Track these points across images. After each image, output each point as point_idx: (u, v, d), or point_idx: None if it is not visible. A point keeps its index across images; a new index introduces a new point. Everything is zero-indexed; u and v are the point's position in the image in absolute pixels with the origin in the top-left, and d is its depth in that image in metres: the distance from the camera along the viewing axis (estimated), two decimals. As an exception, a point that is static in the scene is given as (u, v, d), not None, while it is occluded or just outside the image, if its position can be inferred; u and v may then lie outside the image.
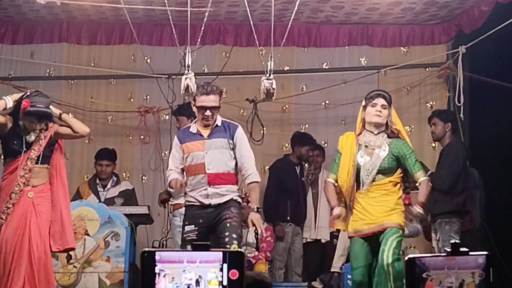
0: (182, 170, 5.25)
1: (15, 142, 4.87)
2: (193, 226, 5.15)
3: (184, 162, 5.23)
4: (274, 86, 5.17)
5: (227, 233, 5.04)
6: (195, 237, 5.11)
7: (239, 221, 5.18)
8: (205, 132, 5.22)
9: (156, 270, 1.98)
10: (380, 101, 4.95)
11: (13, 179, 4.83)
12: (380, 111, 4.94)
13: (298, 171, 7.57)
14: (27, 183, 4.87)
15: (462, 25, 7.55)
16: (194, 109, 5.25)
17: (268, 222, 7.23)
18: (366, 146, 4.95)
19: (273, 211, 7.26)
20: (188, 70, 5.09)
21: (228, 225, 5.09)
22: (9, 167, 4.91)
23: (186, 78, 5.08)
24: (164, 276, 1.99)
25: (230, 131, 5.25)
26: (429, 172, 6.29)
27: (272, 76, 5.18)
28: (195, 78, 5.21)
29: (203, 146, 5.18)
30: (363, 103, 5.04)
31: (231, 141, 5.22)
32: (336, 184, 5.04)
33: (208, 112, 5.16)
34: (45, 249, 4.87)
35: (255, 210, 5.23)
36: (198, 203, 5.18)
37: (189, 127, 5.34)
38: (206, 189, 5.14)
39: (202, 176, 5.15)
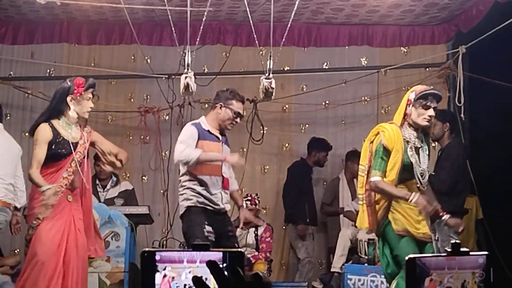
0: None
1: (60, 146, 4.81)
2: (211, 228, 5.13)
3: None
4: (273, 85, 5.19)
5: None
6: (213, 240, 5.10)
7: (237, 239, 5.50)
8: (219, 136, 5.27)
9: (156, 270, 1.98)
10: (433, 104, 4.70)
11: (54, 180, 4.79)
12: (431, 116, 4.71)
13: (311, 175, 7.68)
14: (68, 185, 4.85)
15: (460, 25, 7.55)
16: (227, 111, 5.21)
17: (288, 222, 7.37)
18: (412, 144, 4.76)
19: (294, 211, 7.40)
20: (187, 69, 5.10)
21: (236, 245, 5.28)
22: (50, 168, 4.82)
23: (186, 77, 5.08)
24: (164, 276, 1.99)
25: (227, 140, 5.40)
26: (428, 173, 6.29)
27: (271, 75, 5.19)
28: (195, 77, 5.22)
29: (220, 149, 5.22)
30: (412, 96, 4.72)
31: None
32: None
33: (239, 120, 5.27)
34: (83, 259, 4.90)
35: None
36: (209, 207, 5.15)
37: (199, 123, 5.28)
38: (220, 193, 5.17)
39: (218, 179, 5.17)
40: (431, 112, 4.70)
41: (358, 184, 5.01)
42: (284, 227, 7.85)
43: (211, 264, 1.51)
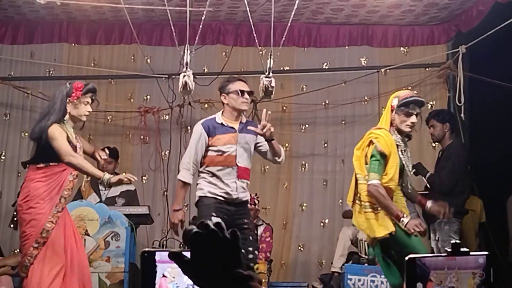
0: (195, 165, 5.13)
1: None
2: (219, 219, 4.94)
3: (207, 152, 5.09)
4: (273, 84, 5.18)
5: (250, 248, 5.01)
6: None
7: (255, 232, 5.33)
8: (235, 125, 5.13)
9: (156, 270, 1.98)
10: (416, 110, 4.72)
11: (58, 182, 4.77)
12: (414, 123, 4.73)
13: None
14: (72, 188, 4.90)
15: (460, 25, 7.55)
16: (231, 96, 5.04)
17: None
18: (401, 147, 4.74)
19: None
20: (186, 68, 5.09)
21: (251, 238, 5.11)
22: (50, 169, 4.79)
23: (184, 76, 5.07)
24: (164, 276, 1.99)
25: (248, 128, 5.21)
26: (429, 173, 6.29)
27: (271, 74, 5.18)
28: (195, 77, 5.21)
29: (235, 139, 5.09)
30: (395, 103, 4.73)
31: (256, 139, 5.21)
32: None
33: (246, 95, 5.03)
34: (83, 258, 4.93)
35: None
36: (221, 198, 5.07)
37: (213, 118, 5.16)
38: (235, 182, 5.08)
39: (232, 168, 5.09)
40: (413, 119, 4.72)
41: (362, 193, 4.77)
42: (284, 228, 7.87)
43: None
